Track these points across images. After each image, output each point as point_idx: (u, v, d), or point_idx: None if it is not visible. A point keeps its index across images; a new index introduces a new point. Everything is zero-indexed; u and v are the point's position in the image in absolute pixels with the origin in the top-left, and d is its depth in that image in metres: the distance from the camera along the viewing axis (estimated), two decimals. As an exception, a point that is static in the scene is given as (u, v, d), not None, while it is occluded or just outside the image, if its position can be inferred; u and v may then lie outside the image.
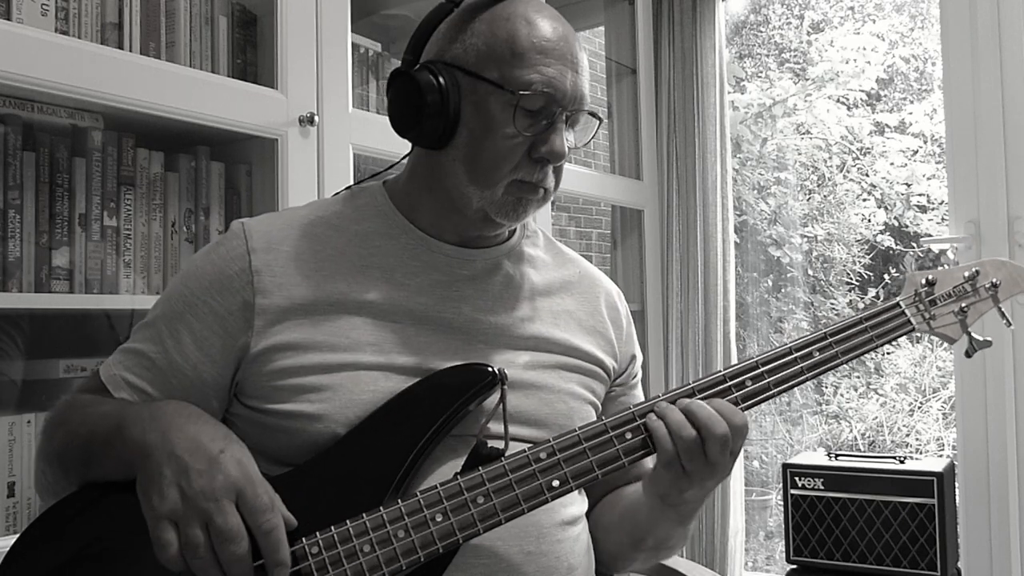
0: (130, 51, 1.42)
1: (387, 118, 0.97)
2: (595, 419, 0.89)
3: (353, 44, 1.73)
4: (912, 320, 0.96)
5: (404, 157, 1.04)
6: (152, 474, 0.76)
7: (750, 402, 0.89)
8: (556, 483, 0.83)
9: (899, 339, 0.98)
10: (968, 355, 0.98)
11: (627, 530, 0.98)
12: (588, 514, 1.03)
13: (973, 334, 0.97)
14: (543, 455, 0.84)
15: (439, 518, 0.80)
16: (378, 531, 0.80)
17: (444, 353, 0.92)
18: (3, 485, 1.26)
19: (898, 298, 0.97)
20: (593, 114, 0.97)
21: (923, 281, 0.98)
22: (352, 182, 1.62)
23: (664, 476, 0.87)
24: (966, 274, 0.98)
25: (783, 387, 0.91)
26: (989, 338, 0.98)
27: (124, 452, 0.80)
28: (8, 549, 0.82)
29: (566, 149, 0.92)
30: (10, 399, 1.38)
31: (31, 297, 1.30)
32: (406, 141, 0.97)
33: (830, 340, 0.93)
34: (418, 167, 0.99)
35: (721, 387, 0.89)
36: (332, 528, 0.79)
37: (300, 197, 1.56)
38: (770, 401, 0.92)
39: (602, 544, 1.03)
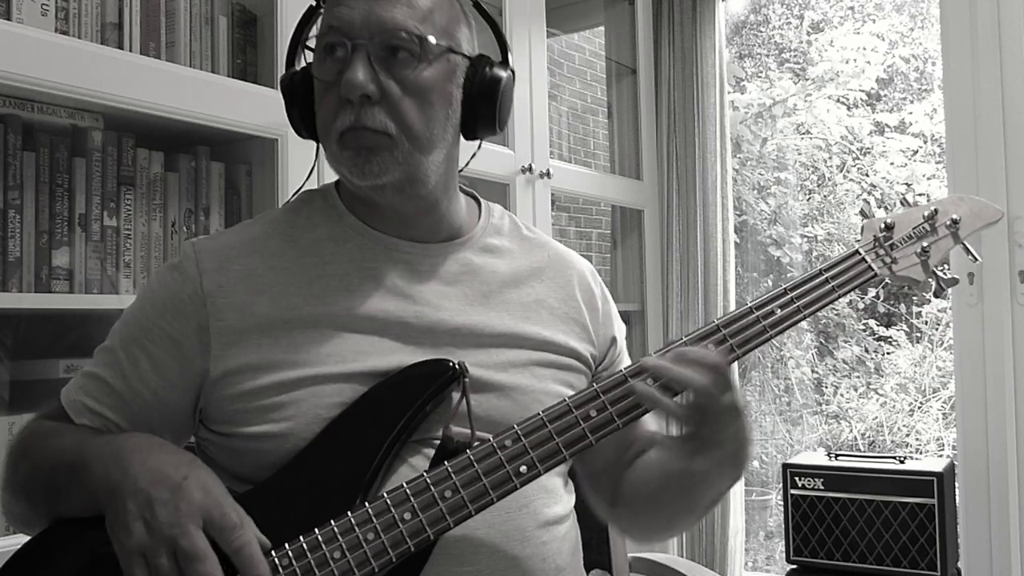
0: (130, 51, 1.42)
1: None
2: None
3: (353, 44, 1.73)
4: (873, 266, 0.92)
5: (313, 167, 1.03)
6: (118, 511, 0.75)
7: None
8: (524, 469, 0.82)
9: (864, 287, 0.93)
10: (936, 295, 0.94)
11: (684, 505, 0.94)
12: (622, 490, 0.99)
13: (939, 273, 0.94)
14: (508, 442, 0.82)
15: (407, 516, 0.79)
16: (347, 536, 0.78)
17: (410, 358, 0.88)
18: (3, 485, 1.26)
19: (857, 245, 0.93)
20: (412, 37, 0.86)
21: (881, 226, 0.94)
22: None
23: (673, 456, 0.85)
24: (925, 214, 0.94)
25: (747, 347, 0.88)
26: (956, 275, 0.94)
27: (89, 490, 0.79)
28: (5, 563, 0.81)
29: (360, 80, 0.85)
30: (9, 399, 1.38)
31: (31, 297, 1.30)
32: None
33: (791, 295, 0.89)
34: None
35: None
36: (301, 538, 0.78)
37: (300, 197, 1.56)
38: (770, 401, 0.91)
39: (649, 520, 1.00)
